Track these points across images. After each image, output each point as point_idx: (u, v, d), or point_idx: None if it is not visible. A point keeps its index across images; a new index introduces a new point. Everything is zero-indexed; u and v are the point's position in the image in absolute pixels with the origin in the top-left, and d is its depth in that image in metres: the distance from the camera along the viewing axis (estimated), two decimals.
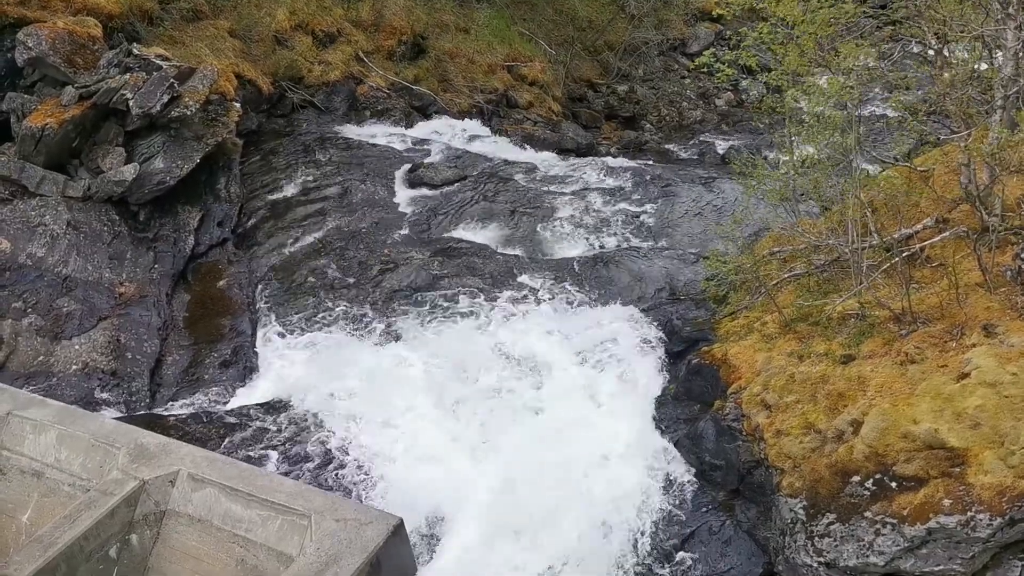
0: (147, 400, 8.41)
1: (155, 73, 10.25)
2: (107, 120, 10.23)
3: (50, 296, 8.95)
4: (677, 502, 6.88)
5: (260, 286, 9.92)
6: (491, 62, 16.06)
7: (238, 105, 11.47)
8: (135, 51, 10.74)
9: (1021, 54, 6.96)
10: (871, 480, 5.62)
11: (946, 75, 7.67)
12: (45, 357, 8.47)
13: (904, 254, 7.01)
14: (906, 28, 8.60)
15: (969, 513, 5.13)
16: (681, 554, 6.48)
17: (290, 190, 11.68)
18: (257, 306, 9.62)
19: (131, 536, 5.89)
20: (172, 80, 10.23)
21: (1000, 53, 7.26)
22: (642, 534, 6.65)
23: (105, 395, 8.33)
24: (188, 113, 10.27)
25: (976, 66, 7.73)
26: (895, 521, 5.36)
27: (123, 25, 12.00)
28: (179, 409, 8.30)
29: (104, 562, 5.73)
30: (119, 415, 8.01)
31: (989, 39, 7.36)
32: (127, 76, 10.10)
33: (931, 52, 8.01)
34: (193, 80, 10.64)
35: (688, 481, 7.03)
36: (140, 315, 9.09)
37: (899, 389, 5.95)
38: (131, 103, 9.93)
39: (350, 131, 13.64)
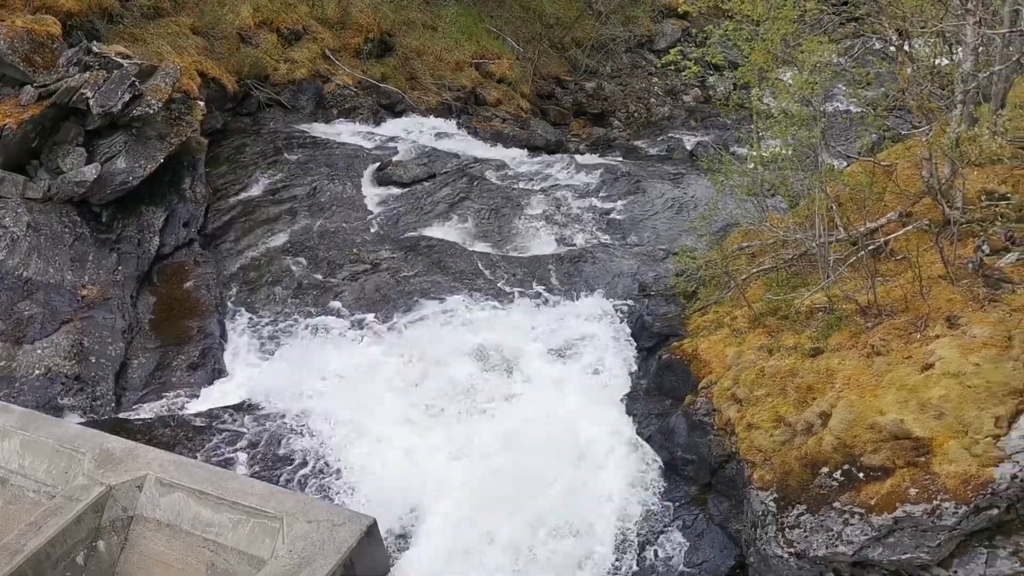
0: (112, 404, 8.27)
1: (116, 71, 10.06)
2: (67, 120, 10.03)
3: (11, 299, 8.75)
4: (649, 497, 6.91)
5: (228, 287, 9.80)
6: (459, 59, 16.03)
7: (202, 104, 11.29)
8: (95, 49, 10.54)
9: (980, 49, 7.08)
10: (839, 471, 5.68)
11: (907, 71, 7.79)
12: (6, 362, 8.29)
13: (870, 248, 7.09)
14: (868, 25, 8.71)
15: (935, 502, 5.21)
16: (654, 548, 6.51)
17: (257, 189, 11.55)
18: (225, 307, 9.50)
19: (98, 542, 5.79)
20: (133, 78, 10.06)
21: (960, 49, 7.38)
22: (614, 529, 6.67)
23: (69, 400, 8.17)
24: (150, 112, 10.10)
25: (936, 62, 7.85)
26: (863, 511, 5.43)
27: (82, 23, 11.80)
28: (146, 413, 8.18)
29: (71, 569, 5.64)
30: (83, 420, 7.88)
31: (949, 35, 7.48)
32: (87, 75, 9.91)
33: (892, 48, 8.12)
34: (155, 78, 10.46)
35: (660, 476, 7.07)
36: (104, 318, 8.93)
37: (866, 381, 6.02)
38: (91, 102, 9.74)
39: (317, 129, 13.52)
